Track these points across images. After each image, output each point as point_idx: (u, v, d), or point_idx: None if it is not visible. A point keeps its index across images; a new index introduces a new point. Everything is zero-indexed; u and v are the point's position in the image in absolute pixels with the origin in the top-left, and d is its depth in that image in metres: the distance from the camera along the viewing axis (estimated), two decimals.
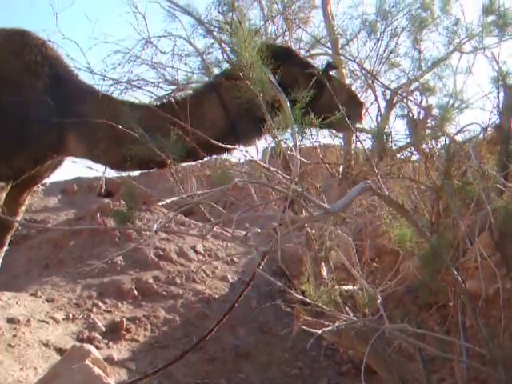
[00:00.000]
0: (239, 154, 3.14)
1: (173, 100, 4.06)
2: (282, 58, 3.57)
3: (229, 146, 3.61)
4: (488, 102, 4.50)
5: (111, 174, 4.34)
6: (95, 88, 4.25)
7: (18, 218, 4.59)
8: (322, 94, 3.63)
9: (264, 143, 3.87)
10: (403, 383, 4.33)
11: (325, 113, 3.31)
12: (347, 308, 4.29)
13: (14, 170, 4.00)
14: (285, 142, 3.18)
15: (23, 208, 4.62)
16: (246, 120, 3.60)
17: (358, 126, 3.99)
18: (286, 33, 5.51)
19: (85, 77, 4.43)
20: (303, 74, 3.70)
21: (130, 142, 3.46)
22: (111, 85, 4.82)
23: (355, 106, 3.87)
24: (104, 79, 4.76)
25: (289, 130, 2.97)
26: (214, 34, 4.97)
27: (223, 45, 4.83)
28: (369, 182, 3.03)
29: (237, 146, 3.83)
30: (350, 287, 4.58)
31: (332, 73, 4.01)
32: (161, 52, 5.34)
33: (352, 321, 3.74)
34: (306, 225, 4.49)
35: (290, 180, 2.51)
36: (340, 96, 3.68)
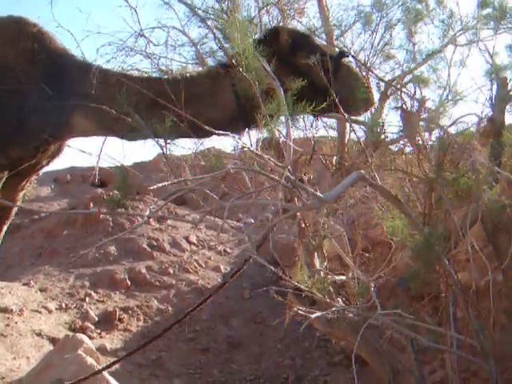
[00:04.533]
0: (233, 143, 3.13)
1: (186, 75, 4.09)
2: (299, 44, 3.72)
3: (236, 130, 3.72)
4: (481, 94, 4.51)
5: (105, 163, 4.33)
6: (94, 64, 4.21)
7: (17, 205, 4.57)
8: (335, 80, 3.71)
9: (258, 133, 3.87)
10: (395, 374, 4.35)
11: (337, 97, 3.44)
12: (339, 298, 4.31)
13: (12, 160, 3.98)
14: (279, 132, 3.19)
15: (21, 196, 4.61)
16: (254, 105, 3.61)
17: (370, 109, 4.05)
18: (281, 23, 5.49)
19: None
20: (318, 60, 3.74)
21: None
22: None
23: (366, 91, 3.93)
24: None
25: (282, 119, 2.98)
26: (209, 23, 4.96)
27: (217, 34, 4.81)
28: (362, 171, 3.04)
29: (245, 131, 3.89)
30: (342, 277, 4.60)
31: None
32: (154, 45, 5.31)
33: (344, 309, 3.76)
34: (299, 214, 4.49)
35: (283, 167, 2.51)
36: (351, 82, 3.80)
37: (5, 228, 4.61)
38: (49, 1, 4.80)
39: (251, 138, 3.80)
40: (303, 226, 4.67)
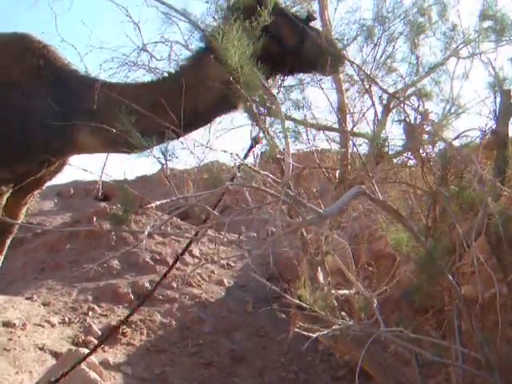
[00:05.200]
0: (233, 160, 3.12)
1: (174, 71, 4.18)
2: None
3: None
4: (485, 107, 4.50)
5: (108, 177, 4.33)
6: (97, 78, 4.22)
7: (20, 220, 4.58)
8: (304, 42, 3.85)
9: (259, 148, 3.88)
10: None
11: (308, 59, 3.69)
12: (343, 313, 4.28)
13: (17, 175, 3.98)
14: (278, 148, 3.20)
15: (24, 211, 4.61)
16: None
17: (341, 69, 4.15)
18: None
19: None
20: (286, 24, 3.82)
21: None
22: None
23: (336, 51, 4.03)
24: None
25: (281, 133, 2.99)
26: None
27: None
28: (362, 186, 3.04)
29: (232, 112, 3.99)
30: (345, 291, 4.58)
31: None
32: (157, 59, 5.32)
33: (348, 325, 3.74)
34: (302, 229, 4.48)
35: (282, 183, 2.51)
36: (320, 42, 3.91)
37: (8, 242, 4.61)
38: (53, 16, 4.81)
39: (254, 152, 3.81)
40: (306, 240, 4.66)
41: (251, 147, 3.92)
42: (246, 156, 3.81)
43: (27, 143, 3.93)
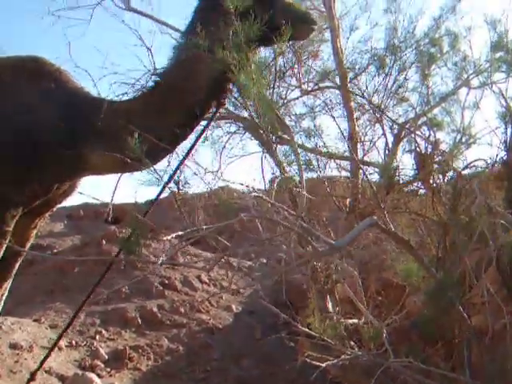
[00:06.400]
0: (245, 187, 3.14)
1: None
2: None
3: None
4: (495, 137, 4.51)
5: (118, 200, 4.37)
6: (107, 99, 4.27)
7: (29, 244, 4.59)
8: (275, 12, 3.87)
9: (270, 174, 3.91)
10: None
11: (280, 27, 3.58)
12: (352, 342, 4.26)
13: (27, 197, 4.01)
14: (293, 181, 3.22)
15: (34, 234, 4.63)
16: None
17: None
18: (296, 65, 5.56)
19: None
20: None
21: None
22: None
23: (305, 15, 4.08)
24: None
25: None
26: None
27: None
28: (375, 217, 3.04)
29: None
30: (355, 321, 4.55)
31: None
32: None
33: (357, 355, 3.71)
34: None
35: (296, 216, 2.52)
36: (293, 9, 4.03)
37: (17, 265, 4.62)
38: (66, 42, 4.89)
39: (265, 180, 3.83)
40: (316, 268, 4.65)
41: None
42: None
43: (37, 164, 3.95)
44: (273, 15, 3.72)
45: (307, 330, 3.74)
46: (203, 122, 4.29)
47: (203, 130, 4.33)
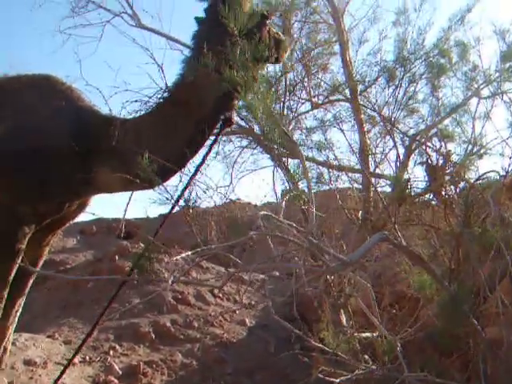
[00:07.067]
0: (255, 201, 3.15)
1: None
2: None
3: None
4: (507, 147, 4.49)
5: (131, 215, 4.38)
6: (117, 117, 4.27)
7: (42, 261, 4.61)
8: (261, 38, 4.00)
9: (282, 187, 3.92)
10: None
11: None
12: (366, 356, 4.23)
13: (39, 215, 4.03)
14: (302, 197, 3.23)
15: (47, 251, 4.65)
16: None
17: None
18: (305, 79, 5.57)
19: None
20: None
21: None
22: None
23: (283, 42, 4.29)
24: None
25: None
26: None
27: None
28: (386, 232, 3.03)
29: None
30: (368, 334, 4.53)
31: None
32: None
33: (371, 370, 3.69)
34: None
35: (306, 232, 2.52)
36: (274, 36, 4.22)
37: (30, 283, 4.64)
38: (77, 60, 4.93)
39: (276, 193, 3.83)
40: (329, 282, 4.64)
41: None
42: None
43: (48, 182, 3.97)
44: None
45: (321, 345, 3.72)
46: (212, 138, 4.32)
47: (211, 146, 4.36)
